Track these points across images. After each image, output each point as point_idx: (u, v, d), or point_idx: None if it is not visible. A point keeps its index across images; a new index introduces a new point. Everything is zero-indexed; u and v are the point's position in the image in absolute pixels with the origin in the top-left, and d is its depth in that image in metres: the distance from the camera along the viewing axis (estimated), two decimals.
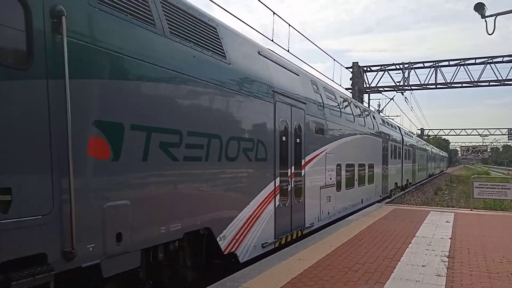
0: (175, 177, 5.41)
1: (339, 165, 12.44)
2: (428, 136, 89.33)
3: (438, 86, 29.86)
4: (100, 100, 4.26)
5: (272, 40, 12.69)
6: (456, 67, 29.01)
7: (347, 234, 9.62)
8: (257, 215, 7.53)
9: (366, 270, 6.54)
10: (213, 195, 6.24)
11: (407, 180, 29.16)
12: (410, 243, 8.71)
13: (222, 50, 6.62)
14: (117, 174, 4.48)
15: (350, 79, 30.82)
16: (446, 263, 7.02)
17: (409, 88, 30.64)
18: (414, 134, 44.60)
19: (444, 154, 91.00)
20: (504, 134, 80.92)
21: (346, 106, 13.95)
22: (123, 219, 4.52)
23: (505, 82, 27.95)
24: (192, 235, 5.84)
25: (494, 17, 14.08)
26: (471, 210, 14.70)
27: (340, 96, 13.67)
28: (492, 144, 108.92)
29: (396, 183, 23.96)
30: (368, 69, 31.79)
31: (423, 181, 40.91)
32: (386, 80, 31.49)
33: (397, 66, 30.40)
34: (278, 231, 8.32)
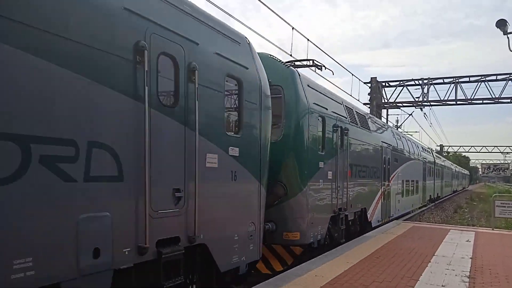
0: (360, 185, 12.45)
1: (402, 181, 19.18)
2: (448, 152, 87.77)
3: (458, 103, 29.49)
4: (351, 155, 11.29)
5: (291, 55, 12.79)
6: (477, 83, 28.66)
7: (365, 251, 9.50)
8: (376, 206, 14.31)
9: None
10: (366, 193, 13.13)
11: (437, 194, 35.99)
12: (430, 262, 8.55)
13: (368, 126, 13.88)
14: (352, 181, 11.43)
15: (368, 94, 30.70)
16: (467, 284, 6.85)
17: (428, 104, 30.35)
18: (433, 150, 45.00)
19: (466, 172, 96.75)
20: None
21: (405, 142, 21.28)
22: (352, 199, 11.43)
23: None
24: (361, 210, 12.70)
25: None
26: (493, 230, 14.36)
27: (403, 136, 22.03)
28: None
29: (430, 195, 30.51)
30: (387, 84, 31.66)
31: (448, 196, 47.34)
32: (405, 95, 31.28)
33: (416, 82, 30.20)
34: (382, 216, 15.34)
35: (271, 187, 7.72)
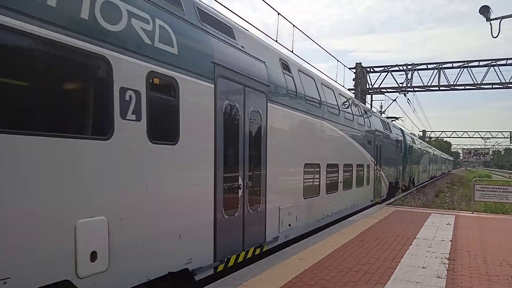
0: (414, 168, 33.45)
1: (422, 165, 39.52)
2: (430, 138, 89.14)
3: (441, 88, 29.83)
4: (414, 155, 33.24)
5: (276, 41, 12.70)
6: (459, 69, 28.98)
7: (348, 235, 9.66)
8: (416, 176, 34.68)
9: (367, 271, 6.58)
10: (415, 170, 33.94)
11: (434, 174, 56.86)
12: (411, 244, 8.75)
13: (415, 142, 35.05)
14: (411, 167, 31.03)
15: (353, 79, 30.81)
16: (446, 265, 7.05)
17: (412, 89, 30.60)
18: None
19: (451, 158, 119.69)
20: (506, 138, 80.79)
21: (422, 144, 42.83)
22: (412, 172, 31.90)
23: (508, 85, 27.89)
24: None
25: (499, 20, 14.08)
26: (472, 213, 14.72)
27: (422, 142, 44.92)
28: (494, 147, 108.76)
29: (431, 175, 51.18)
30: (371, 70, 31.77)
31: (440, 176, 64.78)
32: (389, 81, 31.49)
33: (400, 67, 30.39)
34: (417, 181, 35.08)
35: None
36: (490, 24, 14.15)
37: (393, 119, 30.96)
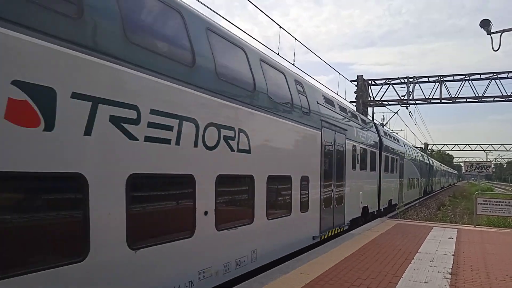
0: (436, 179, 60.85)
1: (437, 178, 60.44)
2: (432, 151, 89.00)
3: (442, 101, 29.82)
4: (435, 172, 58.99)
5: (278, 54, 12.77)
6: (461, 82, 29.00)
7: (350, 248, 9.57)
8: (435, 185, 58.66)
9: (368, 286, 6.50)
10: (437, 181, 62.70)
11: (443, 185, 71.66)
12: (413, 259, 8.66)
13: (431, 162, 53.20)
14: (433, 179, 56.38)
15: (355, 92, 30.86)
16: (449, 280, 6.96)
17: (414, 102, 30.60)
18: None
19: (455, 172, 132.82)
20: (509, 150, 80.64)
21: (437, 163, 63.48)
22: (435, 180, 60.08)
23: (510, 98, 27.87)
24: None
25: (500, 33, 14.14)
26: (475, 227, 14.59)
27: (435, 161, 62.83)
28: (496, 160, 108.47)
29: (441, 185, 67.93)
30: (373, 82, 31.83)
31: (447, 187, 78.92)
32: (390, 94, 31.53)
33: (402, 80, 30.43)
34: (437, 187, 60.71)
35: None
36: (491, 37, 14.21)
37: (420, 148, 46.36)
